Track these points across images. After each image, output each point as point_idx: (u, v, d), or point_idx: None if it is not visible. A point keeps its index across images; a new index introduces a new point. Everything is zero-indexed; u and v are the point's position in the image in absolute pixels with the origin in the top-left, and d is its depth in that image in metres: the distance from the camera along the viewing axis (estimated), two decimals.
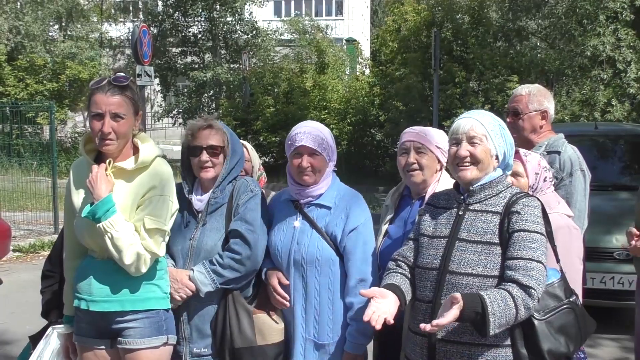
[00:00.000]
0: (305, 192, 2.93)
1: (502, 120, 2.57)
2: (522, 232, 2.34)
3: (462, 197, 2.54)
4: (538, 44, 18.13)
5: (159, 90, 24.56)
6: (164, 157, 2.90)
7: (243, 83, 20.84)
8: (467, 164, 2.47)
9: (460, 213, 2.51)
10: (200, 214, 3.03)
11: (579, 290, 2.92)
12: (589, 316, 2.54)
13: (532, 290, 2.25)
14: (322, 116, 18.43)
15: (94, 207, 2.59)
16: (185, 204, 3.05)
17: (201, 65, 23.37)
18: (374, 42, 24.26)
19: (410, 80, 17.37)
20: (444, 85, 16.53)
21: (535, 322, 2.31)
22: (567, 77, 16.52)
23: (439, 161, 2.96)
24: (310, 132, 2.89)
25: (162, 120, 24.32)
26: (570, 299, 2.43)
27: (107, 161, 2.71)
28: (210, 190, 3.03)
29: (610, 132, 7.93)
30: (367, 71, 22.01)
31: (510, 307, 2.23)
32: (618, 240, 5.60)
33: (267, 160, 19.41)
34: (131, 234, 2.63)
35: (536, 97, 3.70)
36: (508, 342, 2.34)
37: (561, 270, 2.51)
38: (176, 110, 22.76)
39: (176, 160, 3.60)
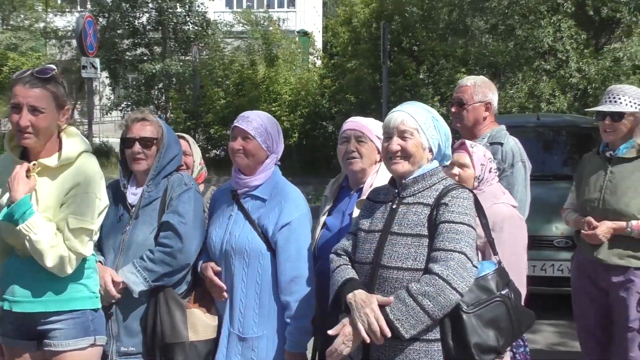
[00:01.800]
0: (242, 182, 2.91)
1: (435, 112, 2.57)
2: (447, 224, 2.35)
3: (396, 191, 2.53)
4: (484, 40, 18.36)
5: (107, 83, 24.03)
6: (112, 151, 2.86)
7: (193, 75, 20.57)
8: (399, 158, 2.47)
9: (394, 207, 2.50)
10: (133, 208, 2.98)
11: (523, 280, 2.97)
12: (525, 309, 2.55)
13: (446, 281, 2.24)
14: (273, 108, 18.35)
15: (10, 209, 2.51)
16: (119, 198, 3.01)
17: (150, 58, 22.95)
18: (325, 34, 24.25)
19: (361, 72, 17.42)
20: (393, 77, 16.63)
21: (463, 315, 2.31)
22: (513, 69, 16.79)
23: (379, 152, 2.96)
24: (248, 116, 2.90)
25: (111, 113, 23.81)
26: (502, 292, 2.42)
27: (32, 163, 2.62)
28: (144, 184, 2.97)
29: (552, 123, 8.10)
30: (319, 63, 21.99)
31: (412, 307, 2.25)
32: (558, 228, 5.74)
33: (217, 153, 19.24)
34: (52, 235, 2.55)
35: (481, 89, 3.75)
36: (438, 335, 2.34)
37: (499, 263, 2.51)
38: (125, 103, 22.31)
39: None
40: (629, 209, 3.54)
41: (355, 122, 2.98)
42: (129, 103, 21.83)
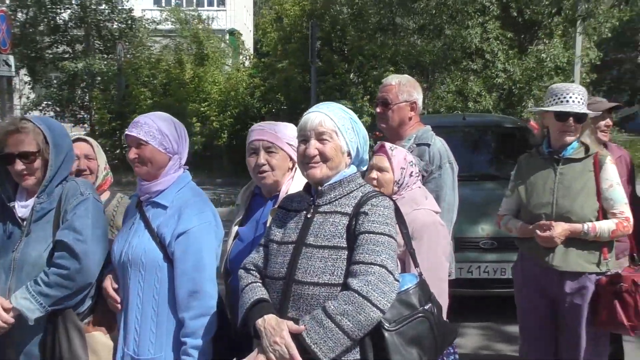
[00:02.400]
0: (143, 188, 2.67)
1: (353, 114, 2.41)
2: (367, 235, 2.18)
3: (311, 198, 2.35)
4: (412, 40, 18.56)
5: (26, 82, 22.96)
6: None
7: (118, 74, 19.90)
8: (317, 162, 2.29)
9: (308, 216, 2.32)
10: (24, 222, 2.69)
11: (445, 291, 2.86)
12: (448, 324, 2.42)
13: (366, 298, 2.08)
14: (202, 108, 17.99)
15: None
16: (8, 213, 2.71)
17: (72, 56, 22.08)
18: (256, 33, 24.01)
19: (290, 71, 17.27)
20: (323, 77, 16.54)
21: (385, 333, 2.14)
22: (442, 68, 17.01)
23: (292, 159, 2.77)
24: (138, 121, 2.64)
25: (31, 113, 22.76)
26: (426, 307, 2.26)
27: None
28: (35, 196, 2.69)
29: (478, 124, 8.14)
30: (247, 62, 21.71)
31: (330, 328, 2.08)
32: (484, 229, 5.72)
33: None
34: None
35: (406, 88, 3.61)
36: (358, 355, 2.16)
37: (420, 275, 2.36)
38: (45, 102, 21.37)
39: None
40: (584, 212, 3.36)
41: (263, 131, 2.76)
42: (50, 102, 20.92)
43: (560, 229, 3.33)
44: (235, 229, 2.83)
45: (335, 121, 2.31)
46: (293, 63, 17.48)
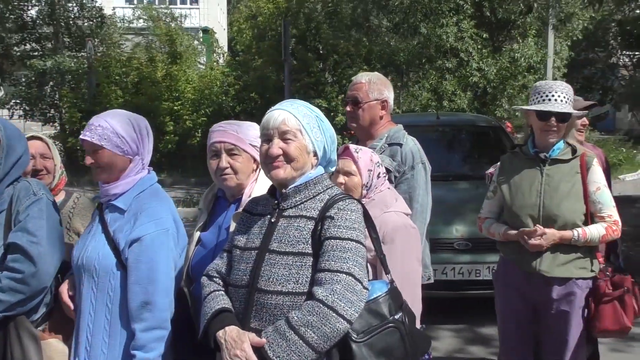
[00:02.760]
0: (103, 190, 2.54)
1: (320, 112, 2.29)
2: (332, 240, 2.06)
3: (276, 201, 2.23)
4: (387, 38, 18.53)
5: None
6: None
7: (88, 72, 19.52)
8: (280, 162, 2.17)
9: (272, 220, 2.20)
10: None
11: (418, 296, 2.75)
12: (420, 333, 2.32)
13: (332, 308, 1.96)
14: (175, 107, 17.72)
15: None
16: None
17: (41, 53, 21.61)
18: (231, 30, 23.82)
19: (265, 70, 17.13)
20: (297, 75, 16.42)
21: (353, 345, 2.02)
22: (416, 67, 16.99)
23: (255, 160, 2.64)
24: (92, 124, 2.48)
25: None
26: (396, 317, 2.14)
27: None
28: None
29: (452, 123, 8.09)
30: (221, 60, 21.50)
31: (293, 341, 1.96)
32: (458, 230, 5.64)
33: None
34: None
35: (376, 86, 3.48)
36: None
37: (391, 282, 2.24)
38: (13, 101, 20.88)
39: None
40: (572, 215, 3.23)
41: (225, 133, 2.61)
42: (19, 101, 20.45)
43: (550, 236, 3.20)
44: (197, 234, 2.69)
45: (300, 119, 2.19)
46: (267, 61, 17.33)
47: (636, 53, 27.76)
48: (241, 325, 2.10)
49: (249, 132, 2.63)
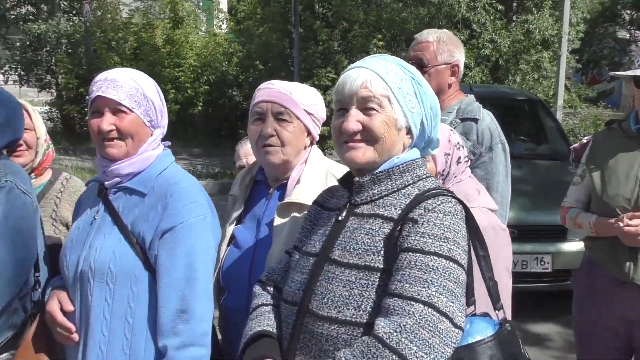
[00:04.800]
0: (110, 170, 1.97)
1: (417, 71, 1.69)
2: (411, 254, 1.50)
3: (348, 193, 1.68)
4: (396, 7, 17.84)
5: None
6: None
7: (85, 36, 18.79)
8: (359, 140, 1.61)
9: (340, 219, 1.65)
10: None
11: (508, 312, 2.12)
12: None
13: (396, 351, 1.40)
14: (177, 74, 17.01)
15: None
16: None
17: (37, 16, 20.84)
18: None
19: (270, 37, 16.46)
20: (305, 43, 15.75)
21: None
22: None
23: (309, 133, 2.08)
24: (115, 79, 1.93)
25: None
26: None
27: None
28: None
29: (486, 95, 7.45)
30: (224, 26, 20.78)
31: None
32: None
33: None
34: None
35: (447, 46, 2.88)
36: None
37: (502, 323, 1.63)
38: (8, 65, 20.17)
39: None
40: None
41: (273, 90, 2.06)
42: (13, 65, 19.75)
43: None
44: (230, 229, 2.11)
45: (388, 82, 1.61)
46: (272, 28, 16.64)
47: None
48: (284, 357, 1.60)
49: (306, 96, 2.07)
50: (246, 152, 2.96)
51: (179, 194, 1.92)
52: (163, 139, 2.11)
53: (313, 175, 2.04)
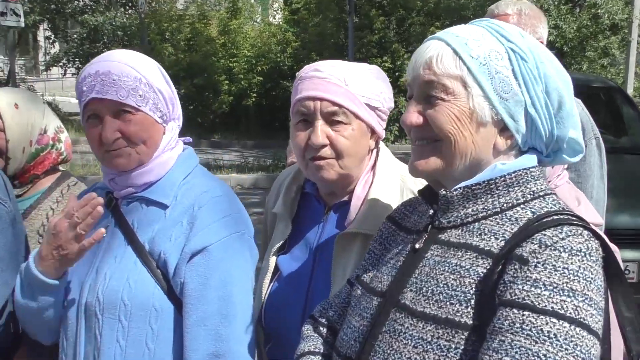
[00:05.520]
0: (122, 178, 1.59)
1: (527, 40, 1.20)
2: (517, 311, 1.04)
3: (431, 212, 1.26)
4: None
5: (47, 37, 22.12)
6: None
7: (140, 28, 18.85)
8: (422, 140, 1.22)
9: (417, 246, 1.22)
10: None
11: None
12: None
13: None
14: (231, 64, 16.82)
15: None
16: None
17: (94, 9, 21.06)
18: None
19: (324, 27, 16.13)
20: (360, 32, 15.34)
21: None
22: None
23: (374, 132, 1.62)
24: (109, 71, 1.52)
25: (51, 69, 21.95)
26: None
27: None
28: None
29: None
30: (279, 16, 20.55)
31: None
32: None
33: None
34: None
35: (529, 20, 2.38)
36: None
37: None
38: (66, 58, 20.46)
39: (74, 114, 2.16)
40: None
41: (322, 80, 1.55)
42: (71, 58, 20.02)
43: None
44: (272, 260, 1.68)
45: (466, 58, 1.16)
46: (327, 17, 16.29)
47: None
48: None
49: (367, 84, 1.58)
50: None
51: (210, 205, 1.55)
52: (210, 127, 1.69)
53: (384, 193, 1.59)
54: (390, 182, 1.59)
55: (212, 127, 16.20)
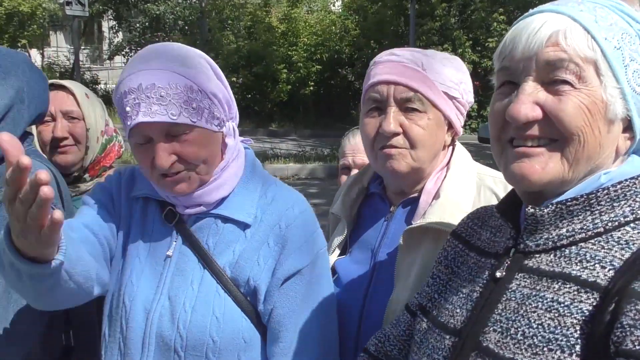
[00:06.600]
0: (186, 198, 1.39)
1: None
2: None
3: (512, 232, 1.04)
4: None
5: (110, 27, 22.62)
6: None
7: (200, 17, 19.04)
8: (535, 140, 0.95)
9: (498, 275, 1.01)
10: None
11: None
12: None
13: None
14: (290, 52, 16.78)
15: None
16: None
17: None
18: None
19: (384, 14, 15.88)
20: (420, 19, 15.02)
21: None
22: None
23: (451, 126, 1.47)
24: (154, 83, 1.26)
25: (113, 59, 22.46)
26: None
27: None
28: None
29: None
30: (339, 4, 20.37)
31: None
32: None
33: None
34: None
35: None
36: None
37: None
38: (128, 47, 20.87)
39: None
40: None
41: (397, 64, 1.42)
42: (133, 47, 20.42)
43: None
44: (331, 260, 1.54)
45: (599, 38, 0.92)
46: (387, 5, 16.02)
47: None
48: None
49: (446, 71, 1.43)
50: (354, 148, 2.24)
51: (299, 223, 1.39)
52: (268, 116, 1.52)
53: (459, 188, 1.43)
54: (466, 178, 1.43)
55: (270, 116, 16.20)
